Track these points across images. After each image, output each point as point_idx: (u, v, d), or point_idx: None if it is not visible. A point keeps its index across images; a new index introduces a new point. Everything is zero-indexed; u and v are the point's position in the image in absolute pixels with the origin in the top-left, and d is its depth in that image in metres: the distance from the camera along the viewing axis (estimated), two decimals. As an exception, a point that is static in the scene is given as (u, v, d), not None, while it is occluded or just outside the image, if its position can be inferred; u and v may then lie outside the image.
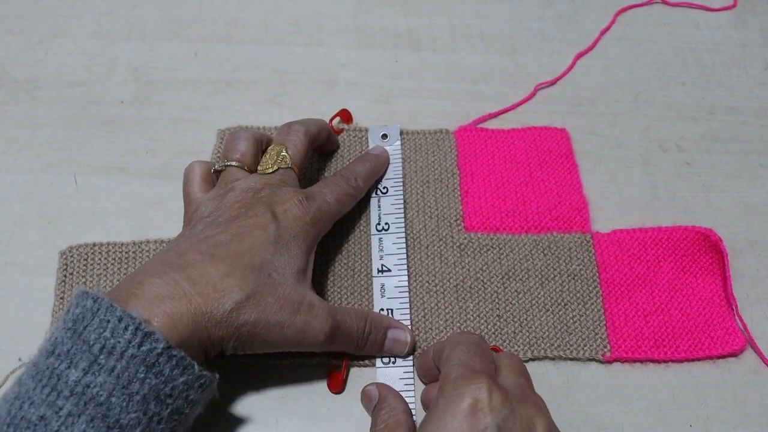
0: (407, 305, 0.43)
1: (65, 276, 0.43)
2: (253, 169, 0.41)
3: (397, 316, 0.42)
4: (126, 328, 0.30)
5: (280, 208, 0.38)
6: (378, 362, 0.41)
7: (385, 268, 0.44)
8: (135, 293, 0.33)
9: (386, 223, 0.45)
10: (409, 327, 0.42)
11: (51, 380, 0.30)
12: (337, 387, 0.41)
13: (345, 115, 0.51)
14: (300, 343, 0.37)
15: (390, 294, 0.43)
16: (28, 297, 0.43)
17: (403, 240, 0.45)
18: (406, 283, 0.43)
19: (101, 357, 0.30)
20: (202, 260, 0.35)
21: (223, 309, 0.34)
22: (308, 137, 0.43)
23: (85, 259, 0.44)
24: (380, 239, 0.45)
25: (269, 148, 0.42)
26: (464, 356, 0.34)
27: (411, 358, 0.41)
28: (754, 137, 0.53)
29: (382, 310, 0.43)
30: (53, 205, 0.47)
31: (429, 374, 0.39)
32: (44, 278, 0.44)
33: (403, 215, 0.46)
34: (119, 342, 0.30)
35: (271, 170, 0.41)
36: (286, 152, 0.42)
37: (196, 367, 0.32)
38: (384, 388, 0.39)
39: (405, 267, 0.44)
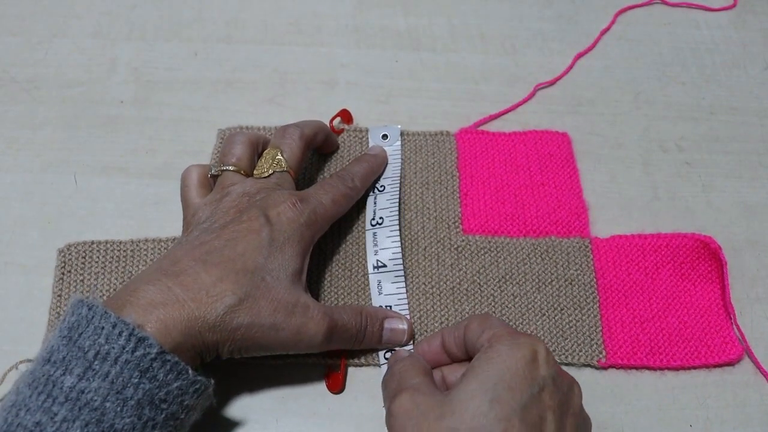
0: (405, 302, 0.43)
1: (63, 274, 0.43)
2: (249, 173, 0.42)
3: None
4: (120, 334, 0.31)
5: (273, 212, 0.38)
6: (380, 358, 0.41)
7: (380, 264, 0.43)
8: (129, 300, 0.33)
9: (380, 218, 0.45)
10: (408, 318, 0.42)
11: (46, 387, 0.30)
12: (337, 387, 0.41)
13: (345, 116, 0.51)
14: (297, 345, 0.37)
15: (387, 291, 0.43)
16: (27, 297, 0.43)
17: (397, 233, 0.44)
18: (403, 279, 0.43)
19: (96, 363, 0.30)
20: (195, 266, 0.35)
21: (216, 313, 0.34)
22: (304, 140, 0.43)
23: (84, 257, 0.44)
24: (374, 234, 0.44)
25: (265, 152, 0.43)
26: (506, 325, 0.36)
27: (410, 345, 0.41)
28: (754, 137, 0.53)
29: (381, 307, 0.42)
30: (53, 205, 0.47)
31: (433, 359, 0.39)
32: (44, 278, 0.44)
33: (397, 209, 0.45)
34: (113, 348, 0.31)
35: (266, 174, 0.41)
36: (282, 156, 0.42)
37: (190, 372, 0.32)
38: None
39: (401, 262, 0.43)
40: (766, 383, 0.42)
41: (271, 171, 0.41)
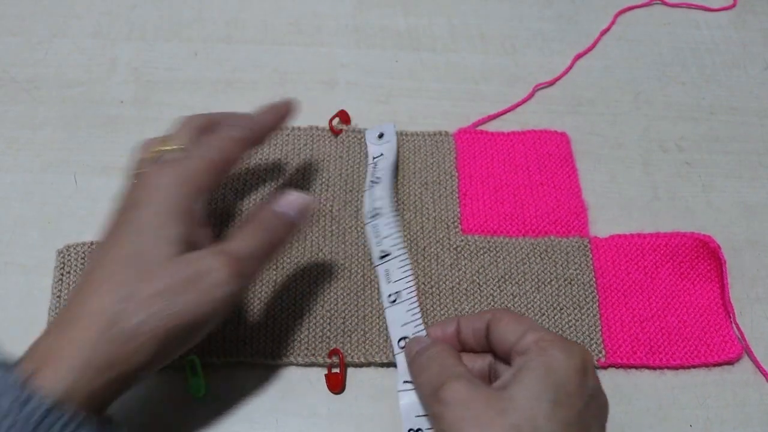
0: (413, 284, 0.41)
1: (62, 275, 0.43)
2: None
3: (404, 296, 0.41)
4: (11, 390, 0.29)
5: (135, 193, 0.36)
6: (395, 347, 0.40)
7: (384, 253, 0.43)
8: (29, 354, 0.32)
9: (379, 208, 0.44)
10: (418, 310, 0.40)
11: None
12: (337, 387, 0.41)
13: (344, 116, 0.51)
14: (211, 299, 0.33)
15: (395, 277, 0.42)
16: (27, 297, 0.43)
17: (394, 220, 0.43)
18: (408, 262, 0.42)
19: None
20: (77, 294, 0.33)
21: (99, 329, 0.31)
22: (191, 117, 0.40)
23: (83, 258, 0.44)
24: (374, 225, 0.44)
25: None
26: (545, 328, 0.35)
27: (423, 330, 0.39)
28: (754, 137, 0.53)
29: (390, 295, 0.41)
30: (53, 205, 0.47)
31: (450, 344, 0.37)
32: (44, 278, 0.44)
33: (393, 198, 0.44)
34: (6, 404, 0.29)
35: (152, 158, 0.38)
36: (166, 139, 0.39)
37: (89, 424, 0.30)
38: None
39: (402, 246, 0.42)
40: (766, 383, 0.42)
41: (153, 155, 0.38)
